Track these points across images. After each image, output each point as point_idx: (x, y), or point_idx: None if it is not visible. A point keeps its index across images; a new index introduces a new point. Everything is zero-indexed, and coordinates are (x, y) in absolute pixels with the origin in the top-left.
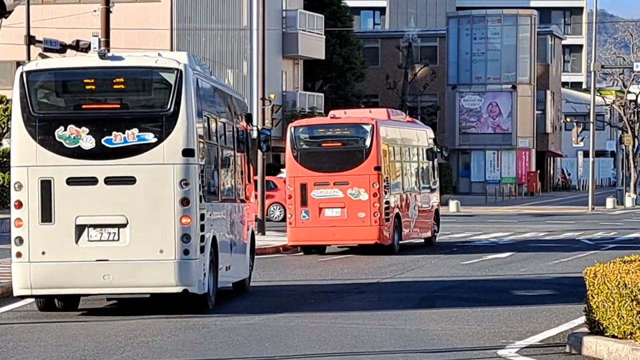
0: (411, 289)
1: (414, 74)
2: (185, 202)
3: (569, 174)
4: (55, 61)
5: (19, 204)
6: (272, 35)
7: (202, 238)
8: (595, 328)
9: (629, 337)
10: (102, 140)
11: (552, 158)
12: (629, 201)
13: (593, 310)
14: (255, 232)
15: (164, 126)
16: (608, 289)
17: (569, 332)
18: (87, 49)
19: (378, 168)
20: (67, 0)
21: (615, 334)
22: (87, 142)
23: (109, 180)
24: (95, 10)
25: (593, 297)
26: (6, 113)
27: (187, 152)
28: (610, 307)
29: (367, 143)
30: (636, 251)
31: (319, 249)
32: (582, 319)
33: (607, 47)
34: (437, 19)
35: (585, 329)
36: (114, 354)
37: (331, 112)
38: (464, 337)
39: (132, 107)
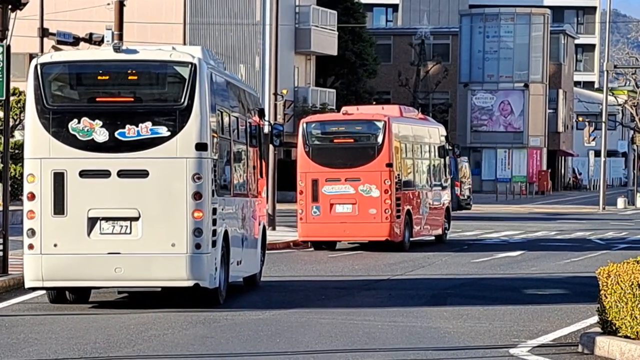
0: (422, 286)
1: (426, 71)
2: (197, 196)
3: (580, 174)
4: (70, 54)
5: (32, 196)
6: (284, 31)
7: (214, 232)
8: (608, 328)
9: None
10: (116, 133)
11: (563, 157)
12: None
13: (606, 310)
14: (267, 227)
15: (177, 120)
16: (621, 289)
17: (582, 332)
18: (100, 42)
19: (390, 165)
20: None
21: (628, 335)
22: (101, 135)
23: (122, 173)
24: (108, 4)
25: (606, 297)
26: (19, 105)
27: (200, 147)
28: (623, 307)
29: (379, 140)
30: None
31: (330, 245)
32: (595, 319)
33: (620, 46)
34: (450, 17)
35: (598, 329)
36: (125, 348)
37: (343, 108)
38: (475, 335)
39: (145, 101)
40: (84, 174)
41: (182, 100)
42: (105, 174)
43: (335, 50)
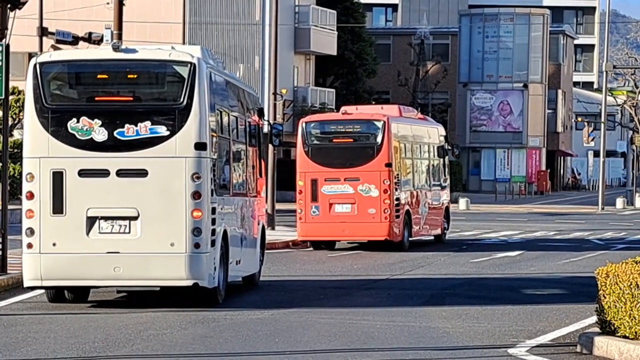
0: (421, 286)
1: (425, 71)
2: (196, 195)
3: (579, 174)
4: (69, 53)
5: (31, 195)
6: (284, 31)
7: (213, 232)
8: (607, 328)
9: None
10: (115, 133)
11: (562, 157)
12: (639, 201)
13: (604, 311)
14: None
15: (176, 119)
16: (620, 289)
17: (580, 332)
18: (99, 41)
19: (389, 164)
20: None
21: (627, 335)
22: (100, 134)
23: (121, 173)
24: (108, 3)
25: (605, 297)
26: (17, 104)
27: (200, 146)
28: (622, 307)
29: (379, 139)
30: None
31: (329, 245)
32: (593, 319)
33: (619, 47)
34: (449, 17)
35: (597, 329)
36: (123, 347)
37: (343, 108)
38: (474, 335)
39: (145, 100)
40: (83, 173)
41: (182, 99)
42: (104, 173)
43: (335, 50)
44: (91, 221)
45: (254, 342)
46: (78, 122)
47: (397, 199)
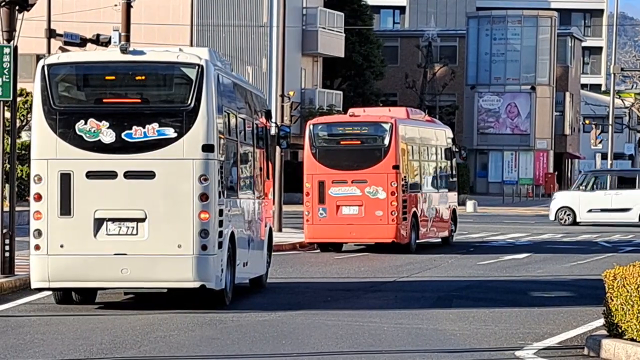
0: (428, 289)
1: (433, 74)
2: (204, 197)
3: None
4: (77, 55)
5: (39, 197)
6: (292, 33)
7: (220, 234)
8: (614, 331)
9: None
10: (122, 135)
11: (570, 160)
12: None
13: (612, 313)
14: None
15: (184, 121)
16: (627, 291)
17: (587, 335)
18: (107, 43)
19: (396, 167)
20: None
21: (634, 337)
22: (107, 136)
23: (129, 175)
24: (116, 5)
25: (612, 300)
26: (26, 106)
27: (207, 148)
28: (629, 310)
29: (386, 142)
30: None
31: (336, 247)
32: (601, 322)
33: (627, 49)
34: (457, 19)
35: (604, 332)
36: (131, 349)
37: (350, 110)
38: (481, 337)
39: (152, 102)
40: (90, 175)
41: (189, 101)
42: (112, 175)
43: (342, 52)
44: (99, 223)
45: (260, 344)
46: (86, 123)
47: (404, 201)
